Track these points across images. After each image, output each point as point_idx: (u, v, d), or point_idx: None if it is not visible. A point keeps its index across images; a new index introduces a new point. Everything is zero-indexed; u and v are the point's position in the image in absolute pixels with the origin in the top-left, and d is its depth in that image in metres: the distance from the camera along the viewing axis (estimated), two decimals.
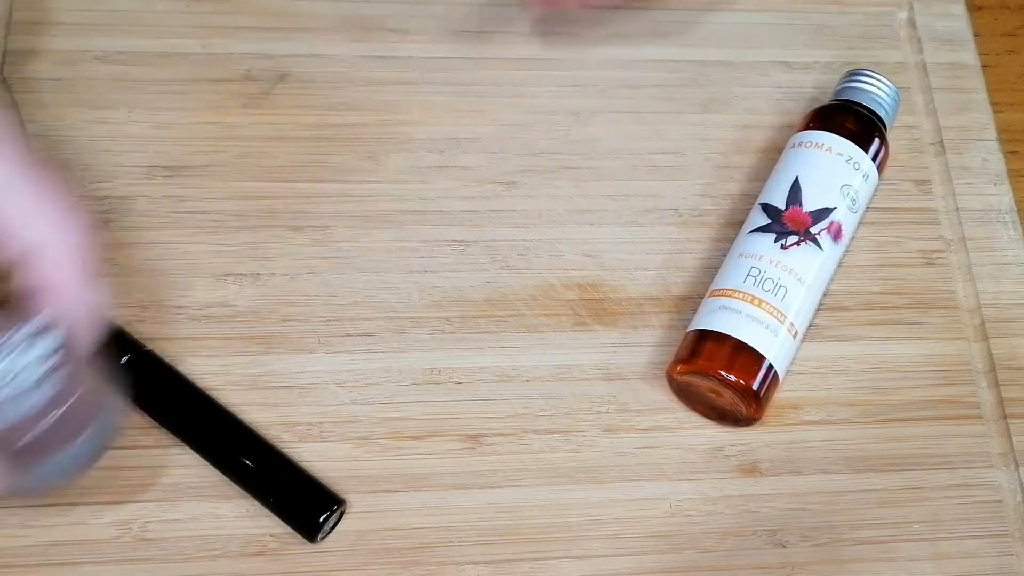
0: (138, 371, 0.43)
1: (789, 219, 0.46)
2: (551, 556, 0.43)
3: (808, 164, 0.47)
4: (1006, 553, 0.44)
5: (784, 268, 0.45)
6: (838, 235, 0.46)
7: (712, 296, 0.45)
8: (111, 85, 0.50)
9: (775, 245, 0.45)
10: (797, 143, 0.49)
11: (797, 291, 0.44)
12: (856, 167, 0.47)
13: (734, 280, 0.45)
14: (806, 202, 0.46)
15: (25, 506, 0.41)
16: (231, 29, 0.52)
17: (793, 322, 0.44)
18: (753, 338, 0.43)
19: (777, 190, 0.47)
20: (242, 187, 0.48)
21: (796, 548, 0.44)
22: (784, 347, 0.44)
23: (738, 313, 0.44)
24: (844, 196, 0.47)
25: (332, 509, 0.41)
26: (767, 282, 0.44)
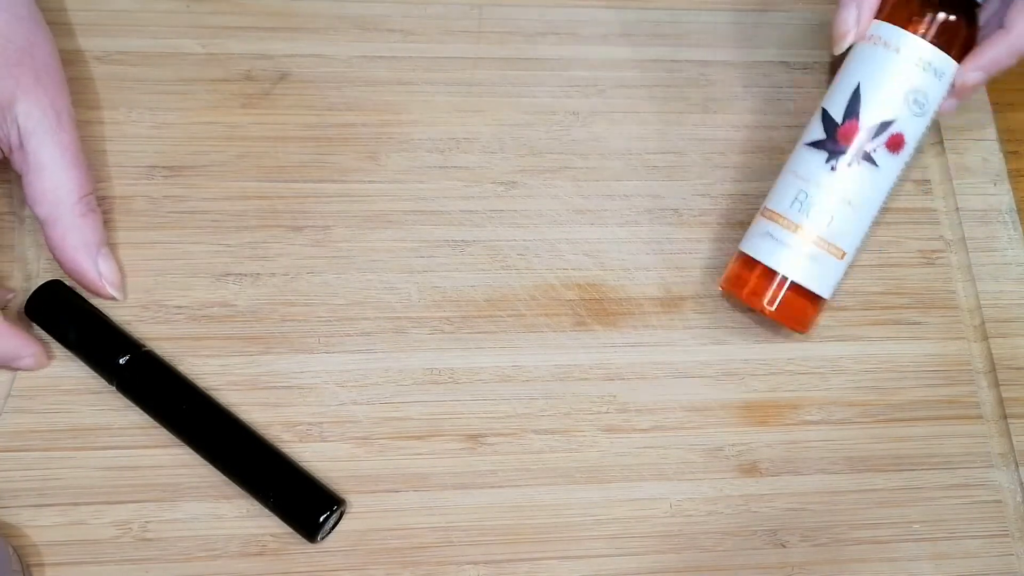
0: (138, 372, 0.43)
1: (843, 136, 0.44)
2: (551, 556, 0.43)
3: (871, 68, 0.44)
4: (1006, 553, 0.44)
5: (832, 192, 0.43)
6: (898, 147, 0.44)
7: (762, 216, 0.45)
8: (111, 85, 0.50)
9: (826, 166, 0.44)
10: (869, 35, 0.45)
11: (846, 215, 0.43)
12: (927, 67, 0.44)
13: (782, 202, 0.44)
14: (864, 115, 0.44)
15: (24, 505, 0.41)
16: (231, 29, 0.52)
17: (839, 245, 0.43)
18: (791, 268, 0.43)
19: (838, 96, 0.45)
20: (242, 187, 0.48)
21: (796, 548, 0.44)
22: (828, 270, 0.44)
23: (780, 243, 0.43)
24: (909, 103, 0.44)
25: (332, 509, 0.41)
26: (813, 209, 0.43)
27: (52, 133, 0.42)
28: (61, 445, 0.43)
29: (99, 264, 0.43)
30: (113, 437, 0.43)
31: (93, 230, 0.43)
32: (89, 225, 0.43)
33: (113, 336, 0.43)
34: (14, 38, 0.42)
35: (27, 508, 0.41)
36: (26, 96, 0.42)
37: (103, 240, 0.44)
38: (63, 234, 0.43)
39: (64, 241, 0.43)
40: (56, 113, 0.43)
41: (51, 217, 0.42)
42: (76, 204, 0.43)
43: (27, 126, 0.42)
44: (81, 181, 0.43)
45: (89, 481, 0.42)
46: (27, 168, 0.42)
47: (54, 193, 0.42)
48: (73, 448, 0.43)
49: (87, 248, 0.43)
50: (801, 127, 0.52)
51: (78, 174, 0.43)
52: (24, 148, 0.42)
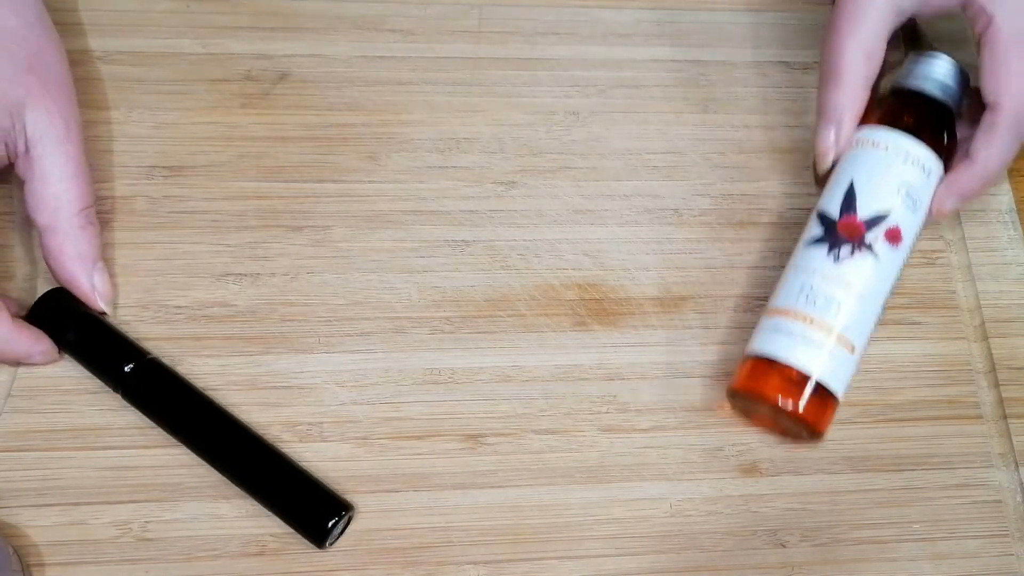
0: (143, 379, 0.43)
1: (843, 229, 0.44)
2: (551, 556, 0.43)
3: (862, 166, 0.45)
4: (1006, 553, 0.44)
5: (837, 282, 0.43)
6: (896, 239, 0.44)
7: (768, 315, 0.44)
8: (111, 85, 0.50)
9: (828, 258, 0.44)
10: (856, 141, 0.46)
11: (854, 307, 0.43)
12: (915, 163, 0.45)
13: (789, 297, 0.44)
14: (860, 209, 0.44)
15: (24, 505, 0.41)
16: (231, 29, 0.52)
17: (850, 338, 0.43)
18: (807, 362, 0.42)
19: (832, 197, 0.45)
20: (242, 187, 0.48)
21: (796, 548, 0.44)
22: (839, 364, 0.43)
23: (790, 335, 0.43)
24: (903, 196, 0.44)
25: (340, 514, 0.41)
26: (821, 299, 0.43)
27: (59, 142, 0.42)
28: (61, 445, 0.43)
29: (94, 277, 0.43)
30: (113, 437, 0.43)
31: (90, 242, 0.43)
32: (87, 237, 0.43)
33: (118, 343, 0.43)
34: (25, 46, 0.42)
35: (27, 508, 0.41)
36: (35, 104, 0.42)
37: (99, 254, 0.44)
38: (61, 243, 0.43)
39: (61, 251, 0.43)
40: (64, 122, 0.43)
41: (50, 226, 0.43)
42: (76, 215, 0.43)
43: (34, 134, 0.42)
44: (82, 192, 0.43)
45: (89, 481, 0.42)
46: (31, 176, 0.42)
47: (55, 202, 0.43)
48: (73, 448, 0.43)
49: (83, 259, 0.43)
50: (801, 127, 0.53)
51: (80, 185, 0.43)
52: (30, 155, 0.42)
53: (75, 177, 0.43)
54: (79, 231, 0.43)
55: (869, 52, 0.46)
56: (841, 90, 0.46)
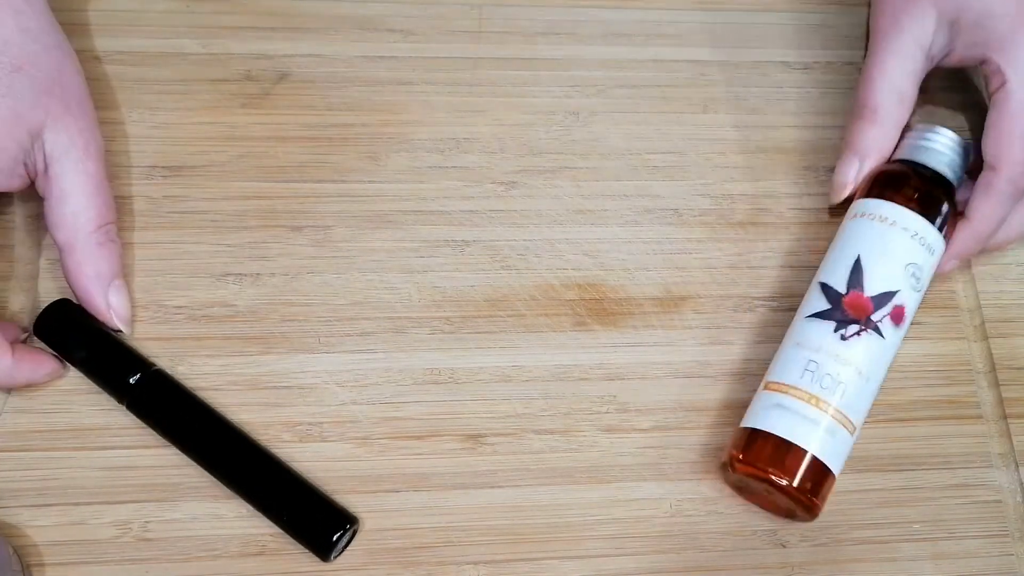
0: (148, 391, 0.43)
1: (850, 306, 0.43)
2: (551, 556, 0.43)
3: (870, 241, 0.44)
4: (1006, 553, 0.44)
5: (844, 362, 0.42)
6: (900, 319, 0.44)
7: (768, 389, 0.43)
8: (111, 85, 0.50)
9: (835, 336, 0.43)
10: (860, 212, 0.46)
11: (857, 387, 0.42)
12: (922, 242, 0.44)
13: (791, 374, 0.43)
14: (868, 285, 0.43)
15: (24, 505, 0.41)
16: (231, 29, 0.52)
17: (851, 419, 0.42)
18: (809, 441, 0.41)
19: (837, 269, 0.44)
20: (242, 187, 0.48)
21: (796, 548, 0.44)
22: (841, 446, 0.42)
23: (794, 413, 0.42)
24: (908, 276, 0.44)
25: (345, 528, 0.41)
26: (826, 378, 0.42)
27: (78, 161, 0.43)
28: (61, 445, 0.43)
29: (110, 296, 0.43)
30: (113, 437, 0.43)
31: (108, 261, 0.43)
32: (105, 255, 0.43)
33: (123, 355, 0.43)
34: (45, 67, 0.43)
35: (27, 508, 0.41)
36: (55, 124, 0.42)
37: (118, 272, 0.44)
38: (79, 262, 0.43)
39: (79, 269, 0.43)
40: (83, 141, 0.43)
41: (68, 244, 0.43)
42: (94, 233, 0.43)
43: (53, 153, 0.42)
44: (102, 210, 0.43)
45: (89, 481, 0.42)
46: (50, 194, 0.43)
47: (73, 220, 0.43)
48: (73, 448, 0.43)
49: (100, 278, 0.43)
50: (801, 127, 0.53)
51: (99, 203, 0.43)
52: (48, 174, 0.42)
53: (94, 195, 0.43)
54: (97, 249, 0.43)
55: (902, 95, 0.47)
56: (873, 127, 0.47)
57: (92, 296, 0.43)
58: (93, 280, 0.43)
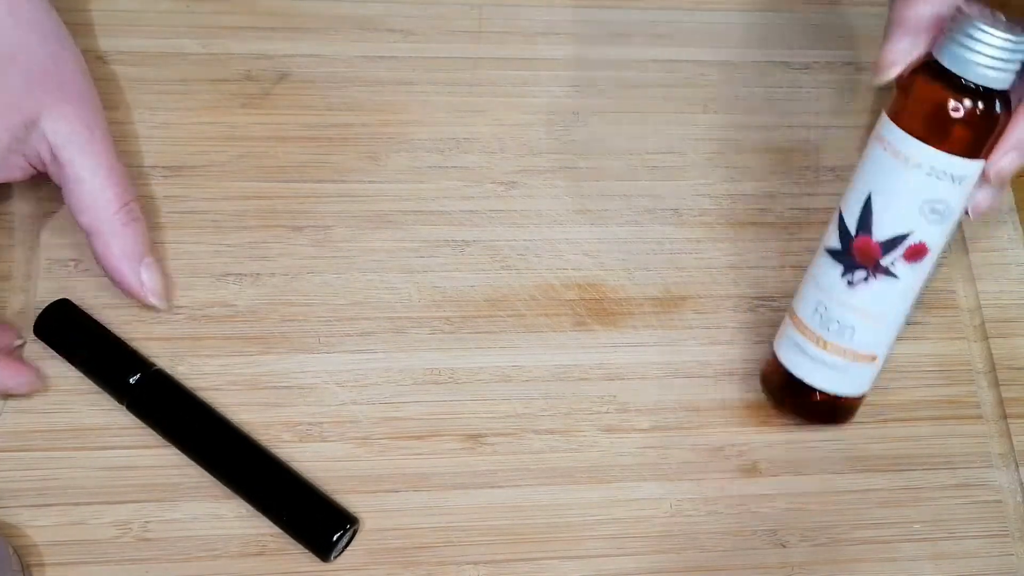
0: (149, 391, 0.43)
1: (858, 251, 0.41)
2: (551, 556, 0.43)
3: (881, 178, 0.40)
4: (1006, 553, 0.44)
5: (851, 308, 0.41)
6: (918, 256, 0.40)
7: (791, 321, 0.43)
8: (111, 85, 0.50)
9: (842, 281, 0.41)
10: (879, 134, 0.40)
11: (868, 327, 0.42)
12: (942, 177, 0.39)
13: (806, 310, 0.43)
14: (876, 230, 0.40)
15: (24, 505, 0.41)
16: (231, 29, 0.52)
17: (868, 352, 0.42)
18: (827, 383, 0.43)
19: (852, 203, 0.41)
20: (242, 187, 0.48)
21: (796, 548, 0.44)
22: (861, 376, 0.43)
23: (808, 356, 0.43)
24: (927, 213, 0.39)
25: (345, 528, 0.41)
26: (833, 324, 0.42)
27: (84, 145, 0.42)
28: (61, 445, 0.43)
29: (142, 274, 0.43)
30: (113, 437, 0.43)
31: (135, 239, 0.43)
32: (130, 235, 0.43)
33: (123, 355, 0.43)
34: (39, 57, 0.42)
35: (27, 508, 0.41)
36: (50, 112, 0.42)
37: (146, 249, 0.44)
38: (106, 244, 0.43)
39: (107, 251, 0.43)
40: (87, 127, 0.43)
41: (93, 227, 0.43)
42: (117, 213, 0.43)
43: (56, 140, 0.42)
44: (119, 191, 0.43)
45: (89, 481, 0.42)
46: (65, 180, 0.42)
47: (93, 203, 0.42)
48: (73, 448, 0.43)
49: (129, 258, 0.43)
50: (801, 127, 0.53)
51: (116, 183, 0.43)
52: (58, 161, 0.42)
53: (108, 176, 0.43)
54: (122, 229, 0.43)
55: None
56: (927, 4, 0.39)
57: (124, 276, 0.43)
58: (123, 260, 0.43)
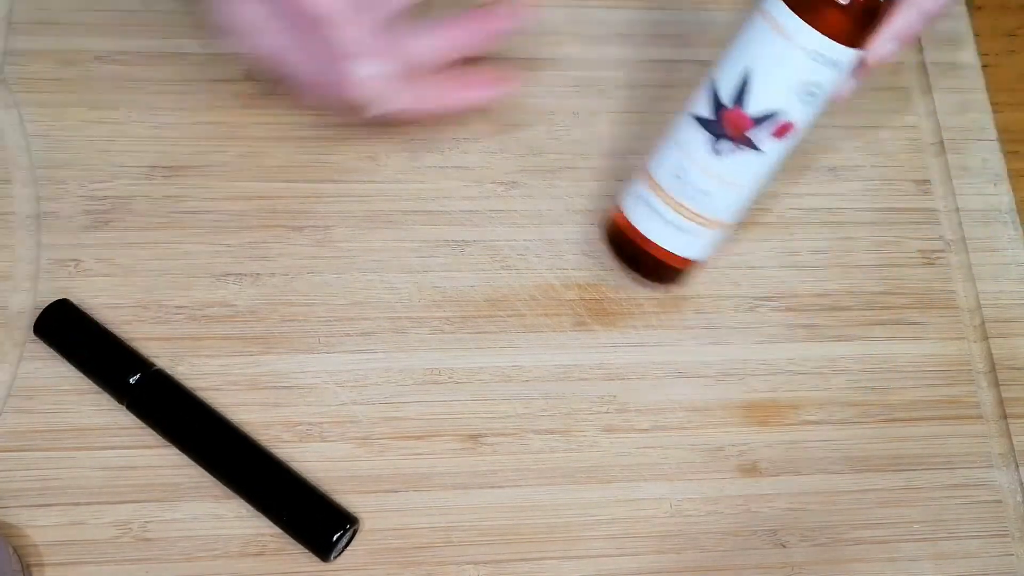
0: (148, 391, 0.43)
1: (729, 122, 0.41)
2: (551, 556, 0.43)
3: (762, 53, 0.40)
4: (1006, 553, 0.44)
5: (713, 175, 0.42)
6: (785, 132, 0.41)
7: (644, 181, 0.44)
8: (111, 85, 0.50)
9: (708, 148, 0.42)
10: (763, 11, 0.41)
11: (725, 194, 0.42)
12: (820, 60, 0.39)
13: (663, 173, 0.43)
14: (751, 103, 0.40)
15: (24, 505, 0.41)
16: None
17: (717, 219, 0.43)
18: (671, 242, 0.44)
19: (728, 74, 0.41)
20: (242, 187, 0.48)
21: (796, 548, 0.44)
22: (705, 240, 0.44)
23: (657, 213, 0.43)
24: (802, 93, 0.40)
25: (345, 528, 0.41)
26: (690, 188, 0.42)
27: None
28: (61, 445, 0.43)
29: None
30: (113, 437, 0.43)
31: None
32: None
33: (123, 355, 0.43)
34: None
35: (27, 508, 0.41)
36: None
37: None
38: None
39: None
40: None
41: None
42: None
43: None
44: None
45: (89, 481, 0.42)
46: None
47: None
48: (73, 448, 0.43)
49: None
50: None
51: None
52: None
53: None
54: None
55: None
56: None
57: None
58: None
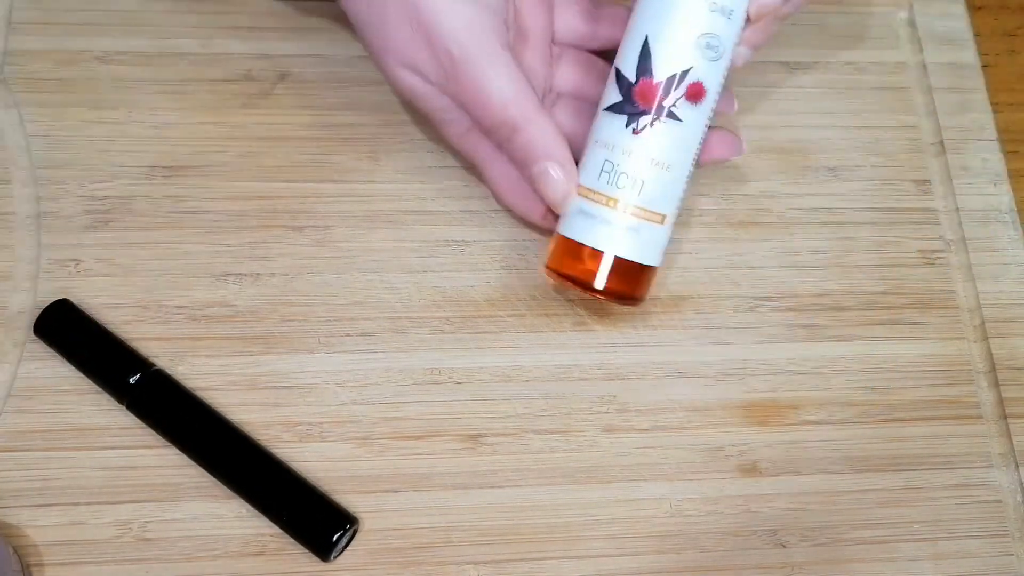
0: (149, 391, 0.43)
1: (639, 95, 0.41)
2: (551, 556, 0.43)
3: (656, 16, 0.41)
4: (1006, 553, 0.44)
5: (639, 157, 0.41)
6: (698, 96, 0.41)
7: (577, 193, 0.42)
8: (111, 85, 0.50)
9: (627, 131, 0.41)
10: None
11: (658, 178, 0.41)
12: (713, 7, 0.40)
13: (590, 175, 0.42)
14: (657, 69, 0.41)
15: (24, 505, 0.41)
16: (231, 29, 0.52)
17: (657, 211, 0.42)
18: (608, 244, 0.42)
19: (628, 53, 0.41)
20: (242, 187, 0.48)
21: (796, 548, 0.44)
22: (650, 239, 0.42)
23: (596, 219, 0.42)
24: (703, 48, 0.41)
25: (345, 528, 0.41)
26: (621, 178, 0.41)
27: None
28: (61, 445, 0.43)
29: None
30: (113, 437, 0.43)
31: None
32: None
33: (123, 355, 0.43)
34: None
35: (27, 508, 0.41)
36: None
37: None
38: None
39: None
40: None
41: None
42: None
43: None
44: None
45: (89, 481, 0.42)
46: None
47: None
48: (73, 448, 0.43)
49: None
50: (801, 127, 0.53)
51: None
52: None
53: None
54: None
55: None
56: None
57: None
58: None
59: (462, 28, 0.40)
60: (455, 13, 0.40)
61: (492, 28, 0.41)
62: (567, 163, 0.42)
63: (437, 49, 0.41)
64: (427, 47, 0.41)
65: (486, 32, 0.41)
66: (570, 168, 0.42)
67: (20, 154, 0.48)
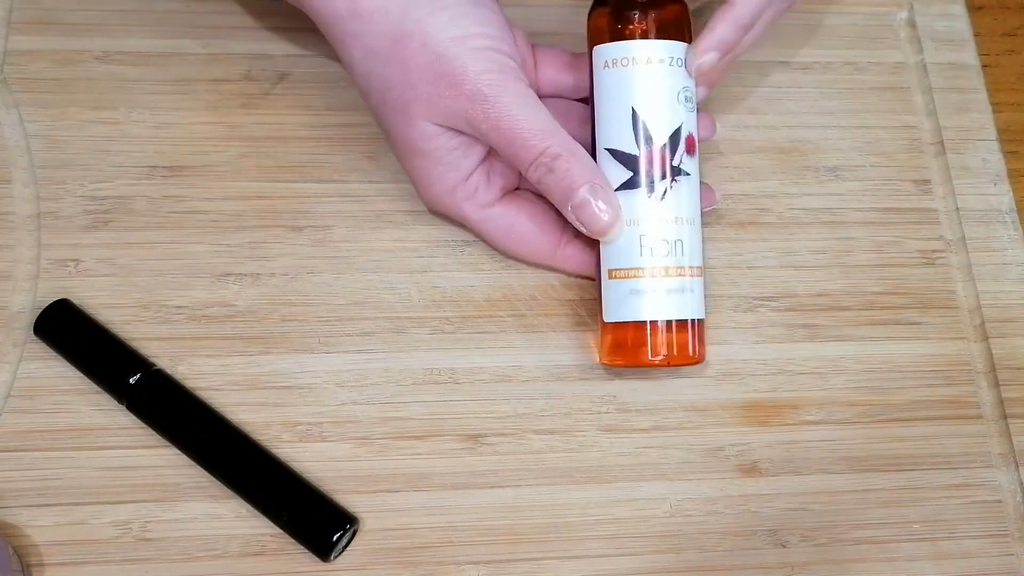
0: (148, 391, 0.43)
1: (651, 164, 0.42)
2: (551, 556, 0.43)
3: (637, 87, 0.42)
4: (1006, 553, 0.44)
5: (670, 221, 0.42)
6: (693, 147, 0.43)
7: (615, 278, 0.43)
8: (111, 85, 0.50)
9: (651, 201, 0.42)
10: (608, 61, 0.43)
11: (689, 234, 0.43)
12: (677, 63, 0.43)
13: (631, 256, 0.42)
14: (655, 135, 0.42)
15: (24, 505, 0.41)
16: (231, 29, 0.52)
17: (695, 265, 0.43)
18: (672, 311, 0.42)
19: (616, 129, 0.43)
20: (242, 187, 0.48)
21: (796, 548, 0.44)
22: (697, 294, 0.43)
23: (646, 293, 0.42)
24: (683, 102, 0.43)
25: (345, 528, 0.41)
26: (660, 245, 0.42)
27: None
28: (61, 445, 0.43)
29: None
30: (113, 437, 0.43)
31: None
32: None
33: (123, 355, 0.43)
34: None
35: (27, 508, 0.41)
36: None
37: None
38: None
39: None
40: None
41: None
42: None
43: None
44: None
45: (89, 481, 0.42)
46: None
47: None
48: (73, 448, 0.43)
49: None
50: (801, 127, 0.53)
51: None
52: None
53: None
54: None
55: None
56: None
57: None
58: None
59: (490, 70, 0.41)
60: (480, 56, 0.41)
61: (513, 70, 0.42)
62: (610, 188, 0.42)
63: (466, 91, 0.41)
64: (455, 93, 0.41)
65: (512, 72, 0.42)
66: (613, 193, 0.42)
67: (20, 154, 0.48)
